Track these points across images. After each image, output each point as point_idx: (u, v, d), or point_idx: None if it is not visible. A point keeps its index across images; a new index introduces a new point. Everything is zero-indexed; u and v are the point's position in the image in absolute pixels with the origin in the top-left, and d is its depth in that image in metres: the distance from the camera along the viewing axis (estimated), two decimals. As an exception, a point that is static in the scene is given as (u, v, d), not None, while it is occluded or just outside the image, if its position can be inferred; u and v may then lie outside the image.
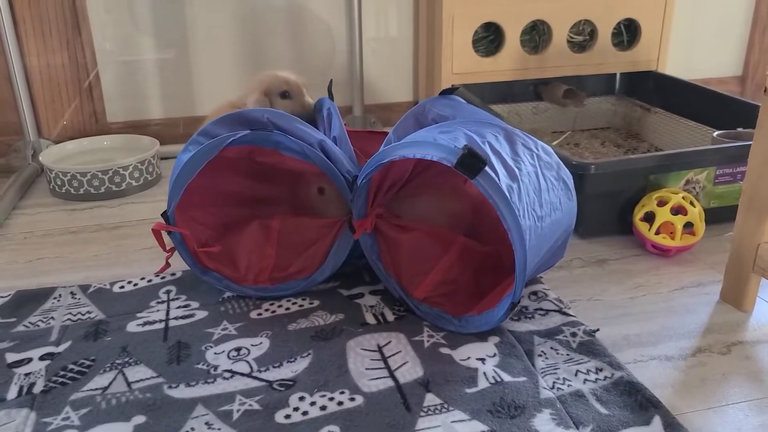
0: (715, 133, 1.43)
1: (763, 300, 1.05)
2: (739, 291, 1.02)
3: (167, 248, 1.04)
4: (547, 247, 0.95)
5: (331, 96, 1.19)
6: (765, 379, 0.87)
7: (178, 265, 1.18)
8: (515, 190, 0.86)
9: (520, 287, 0.88)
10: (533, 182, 0.90)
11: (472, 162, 0.83)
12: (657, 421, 0.78)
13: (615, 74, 1.87)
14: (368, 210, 1.01)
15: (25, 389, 0.85)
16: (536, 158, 0.94)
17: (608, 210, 1.24)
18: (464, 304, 0.99)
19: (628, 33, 1.85)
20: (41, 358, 0.92)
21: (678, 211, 1.18)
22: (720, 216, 1.27)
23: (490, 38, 1.77)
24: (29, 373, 0.88)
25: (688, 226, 1.17)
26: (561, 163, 0.98)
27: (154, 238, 1.29)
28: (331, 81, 1.24)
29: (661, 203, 1.18)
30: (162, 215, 1.03)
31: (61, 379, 0.87)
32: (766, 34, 2.08)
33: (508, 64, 1.75)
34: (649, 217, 1.19)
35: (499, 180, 0.84)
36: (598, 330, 0.96)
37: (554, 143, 1.63)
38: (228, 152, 1.00)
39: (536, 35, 1.79)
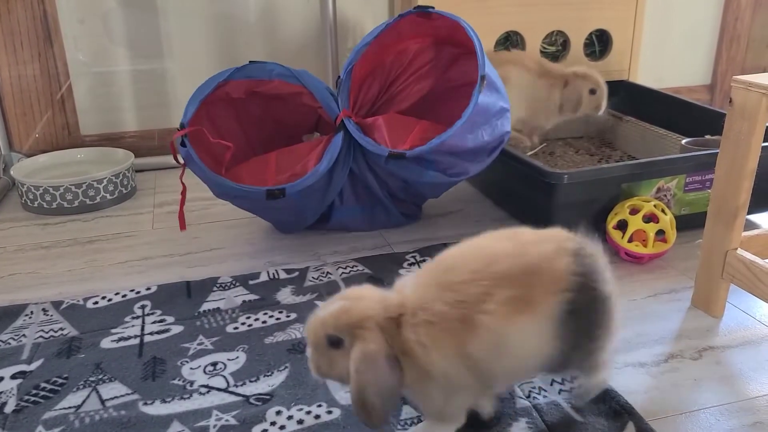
0: (684, 141, 1.46)
1: (733, 305, 1.07)
2: (710, 297, 1.04)
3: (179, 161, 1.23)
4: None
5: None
6: (735, 383, 0.89)
7: (154, 279, 1.17)
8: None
9: (482, 60, 1.15)
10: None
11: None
12: (631, 427, 0.79)
13: (588, 84, 1.90)
14: (350, 107, 1.25)
15: (-5, 409, 0.84)
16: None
17: (581, 218, 1.25)
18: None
19: (599, 43, 1.88)
20: (13, 377, 0.90)
21: (650, 219, 1.20)
22: (691, 223, 1.30)
23: (464, 49, 1.79)
24: (0, 393, 0.87)
25: (660, 234, 1.20)
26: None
27: (128, 253, 1.28)
28: (339, 77, 1.38)
29: (634, 211, 1.20)
30: (180, 126, 1.18)
31: (33, 398, 0.86)
32: (733, 44, 2.13)
33: (482, 74, 1.77)
34: (622, 226, 1.21)
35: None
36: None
37: (529, 153, 1.65)
38: (230, 88, 1.26)
39: (510, 46, 1.81)
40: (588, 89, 1.58)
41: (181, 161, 1.22)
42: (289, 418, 0.82)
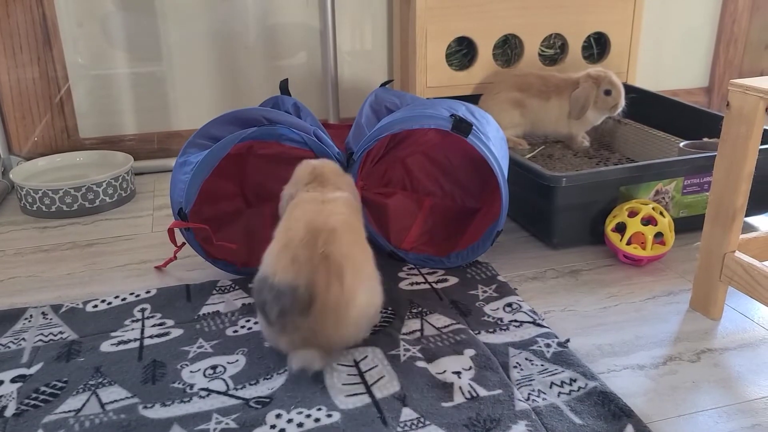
0: (682, 143, 1.47)
1: (731, 308, 1.07)
2: (708, 299, 1.05)
3: (177, 244, 1.16)
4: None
5: (288, 93, 1.36)
6: (733, 386, 0.90)
7: (154, 282, 1.17)
8: (491, 143, 1.11)
9: (503, 217, 1.13)
10: (495, 135, 1.17)
11: (463, 126, 1.09)
12: (630, 429, 0.79)
13: (586, 86, 1.90)
14: (356, 182, 1.17)
15: (-5, 413, 0.84)
16: (486, 119, 1.20)
17: (580, 221, 1.26)
18: (444, 245, 1.23)
19: (597, 46, 1.88)
20: (12, 381, 0.90)
21: (648, 221, 1.20)
22: (689, 225, 1.30)
23: (463, 52, 1.79)
24: (0, 396, 0.87)
25: (659, 236, 1.20)
26: (497, 125, 1.23)
27: (128, 256, 1.28)
28: (286, 80, 1.39)
29: (632, 214, 1.21)
30: (179, 213, 1.08)
31: (33, 402, 0.86)
32: (730, 47, 2.14)
33: (481, 77, 1.77)
34: (621, 228, 1.21)
35: (482, 136, 1.11)
36: (568, 340, 0.98)
37: (528, 156, 1.65)
38: (232, 149, 1.11)
39: (508, 49, 1.82)
40: (603, 90, 1.60)
41: (178, 240, 1.17)
42: (289, 421, 0.82)
